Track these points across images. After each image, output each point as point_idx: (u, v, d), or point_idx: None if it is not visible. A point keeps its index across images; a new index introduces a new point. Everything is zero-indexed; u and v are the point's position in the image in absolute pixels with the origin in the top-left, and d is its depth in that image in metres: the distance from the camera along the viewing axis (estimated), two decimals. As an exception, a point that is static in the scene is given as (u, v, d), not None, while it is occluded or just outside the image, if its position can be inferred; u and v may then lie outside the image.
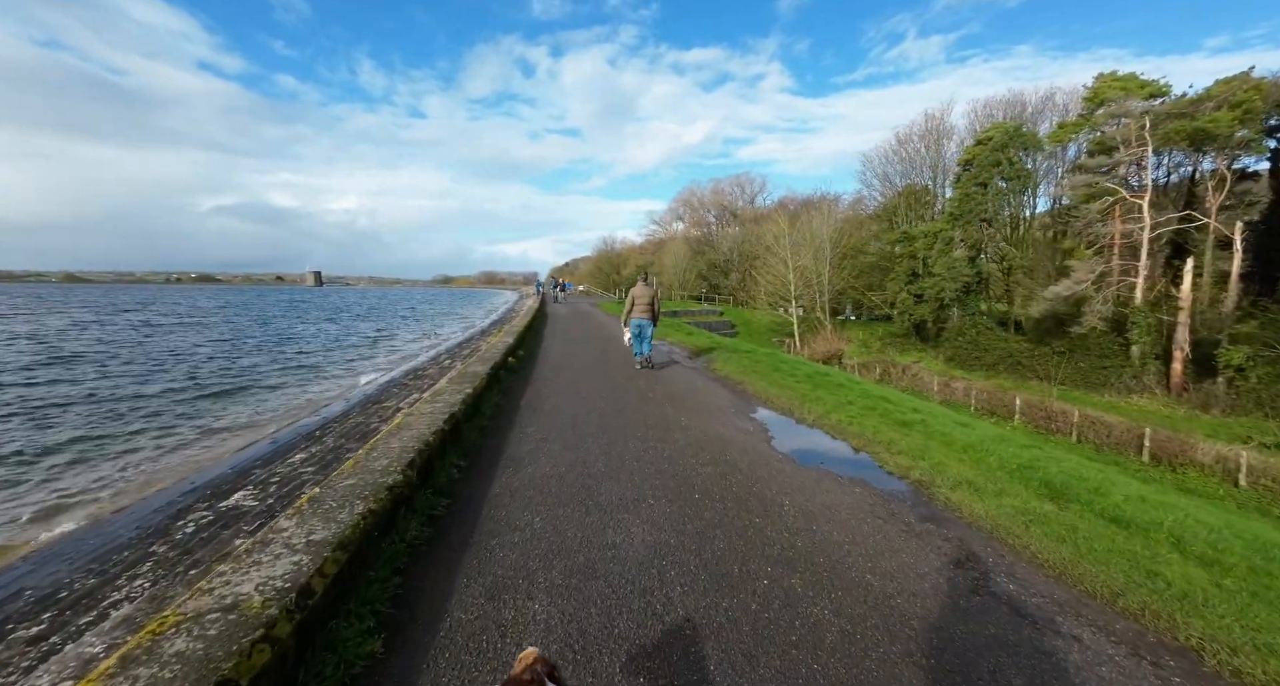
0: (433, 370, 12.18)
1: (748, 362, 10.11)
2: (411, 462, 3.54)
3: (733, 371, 9.17)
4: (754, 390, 7.64)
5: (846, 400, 7.03)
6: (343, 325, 31.82)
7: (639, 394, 7.18)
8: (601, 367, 9.40)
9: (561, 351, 11.50)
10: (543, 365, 9.64)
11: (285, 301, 69.46)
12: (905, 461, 4.61)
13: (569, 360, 10.28)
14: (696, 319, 46.18)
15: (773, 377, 8.63)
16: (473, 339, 19.08)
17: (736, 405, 6.76)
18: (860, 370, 33.49)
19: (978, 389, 23.67)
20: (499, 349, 9.37)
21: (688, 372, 9.27)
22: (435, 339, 20.99)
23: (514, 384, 7.86)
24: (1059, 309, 27.83)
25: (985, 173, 33.80)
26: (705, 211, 75.04)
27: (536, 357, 10.52)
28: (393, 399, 9.32)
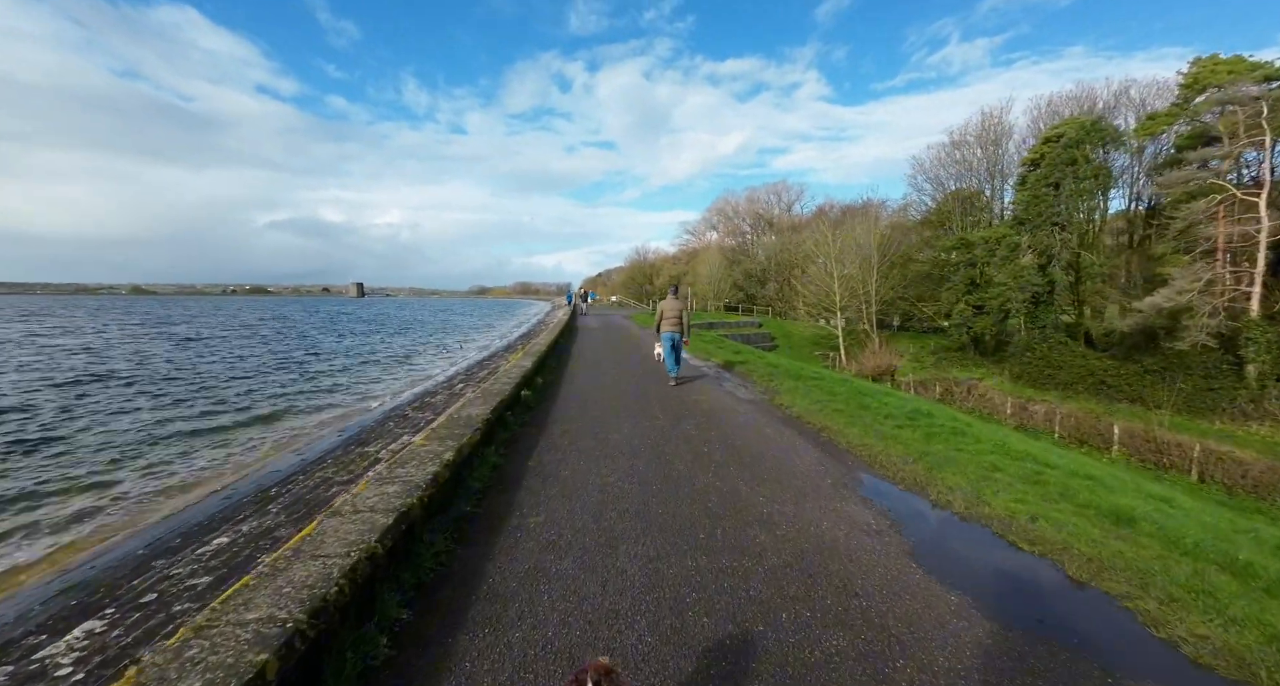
0: (441, 396, 10.51)
1: (820, 395, 8.02)
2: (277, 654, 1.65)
3: (806, 409, 7.12)
4: (846, 442, 5.59)
5: (989, 465, 4.89)
6: (364, 340, 30.97)
7: (691, 450, 5.23)
8: (638, 406, 7.47)
9: (588, 380, 9.62)
10: (564, 400, 7.77)
11: (324, 313, 70.33)
12: (1206, 628, 2.52)
13: (597, 392, 8.38)
14: (734, 331, 43.90)
15: (861, 419, 6.54)
16: (495, 355, 17.46)
17: (832, 471, 4.72)
18: (918, 388, 30.59)
19: (1062, 413, 20.69)
20: (512, 377, 7.58)
21: (748, 410, 7.26)
22: (453, 357, 19.43)
23: (524, 431, 6.01)
24: (1154, 322, 24.51)
25: (1058, 172, 30.66)
26: (740, 220, 72.98)
27: (558, 388, 8.67)
28: (380, 440, 7.61)
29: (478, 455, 4.56)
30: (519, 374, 7.78)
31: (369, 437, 7.86)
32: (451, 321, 54.49)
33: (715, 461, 4.88)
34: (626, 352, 13.65)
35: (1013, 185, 42.48)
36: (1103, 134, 29.84)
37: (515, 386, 6.85)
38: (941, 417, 6.99)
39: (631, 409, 7.13)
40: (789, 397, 7.71)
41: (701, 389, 8.71)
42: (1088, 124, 30.41)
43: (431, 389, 12.42)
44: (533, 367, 8.85)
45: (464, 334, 37.48)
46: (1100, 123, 30.27)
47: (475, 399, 5.96)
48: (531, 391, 7.43)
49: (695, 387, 8.83)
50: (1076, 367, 29.14)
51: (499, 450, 5.09)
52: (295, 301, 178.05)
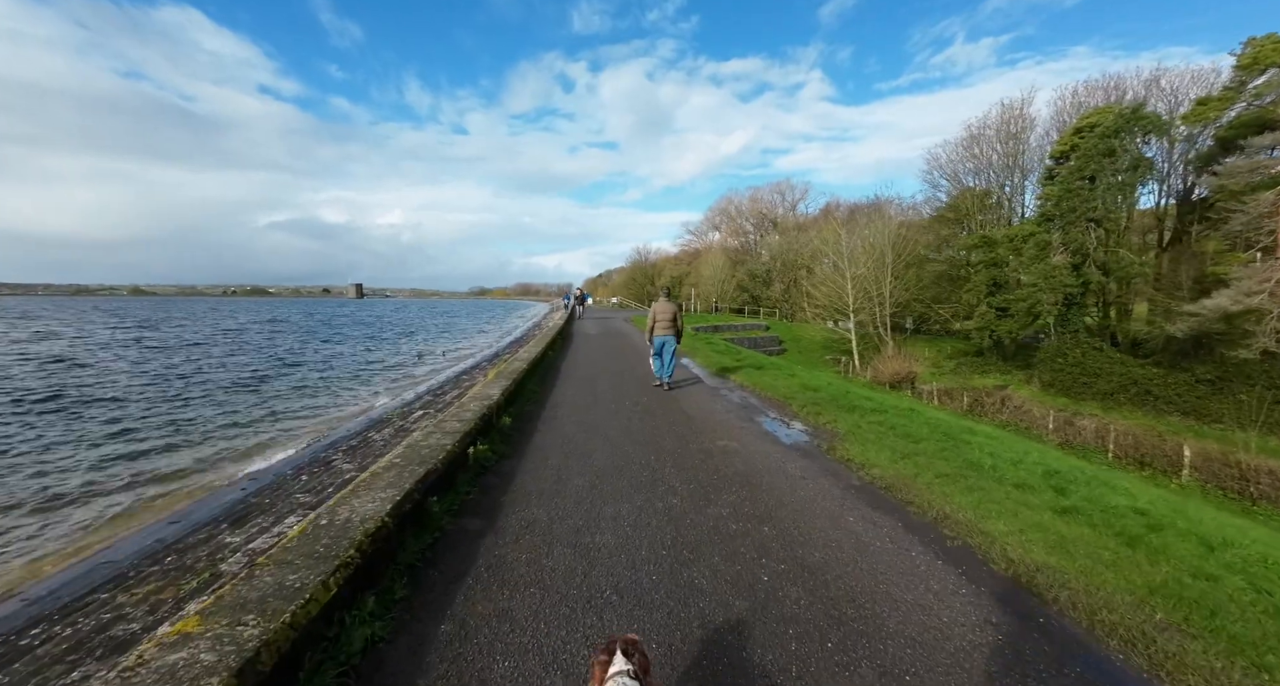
0: (383, 433, 8.18)
1: (894, 438, 5.71)
2: None
3: (891, 470, 4.77)
4: (1000, 552, 3.26)
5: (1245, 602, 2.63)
6: (342, 349, 28.61)
7: (735, 573, 2.95)
8: (642, 462, 5.12)
9: (577, 415, 7.26)
10: (536, 456, 5.40)
11: (317, 316, 67.93)
12: None
13: (585, 438, 6.00)
14: (740, 334, 41.68)
15: (988, 491, 4.23)
16: (472, 371, 15.16)
17: (1007, 631, 2.47)
18: (942, 398, 28.24)
19: (1118, 430, 18.36)
20: (463, 420, 5.28)
21: (803, 469, 4.91)
22: (418, 376, 17.05)
23: (467, 520, 3.72)
24: (1210, 327, 22.18)
25: (1093, 164, 28.37)
26: (743, 220, 70.99)
27: (533, 430, 6.35)
28: (272, 509, 5.30)
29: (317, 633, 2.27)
30: (475, 414, 5.48)
31: (136, 577, 4.65)
32: (442, 325, 52.23)
33: (784, 607, 2.60)
34: (625, 371, 11.34)
35: (1037, 180, 40.19)
36: (1144, 122, 27.52)
37: (459, 442, 4.53)
38: (1102, 488, 4.67)
39: (634, 470, 4.82)
40: (855, 447, 5.39)
41: (729, 429, 6.39)
42: (1127, 112, 28.11)
43: (385, 416, 10.04)
44: (501, 397, 6.55)
45: (452, 338, 35.20)
46: (1141, 109, 27.94)
47: (381, 474, 3.66)
48: (487, 446, 5.12)
49: (722, 426, 6.52)
50: (1116, 376, 26.81)
51: (404, 585, 2.79)
52: (294, 303, 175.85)
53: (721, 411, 7.39)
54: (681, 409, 7.50)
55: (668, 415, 7.09)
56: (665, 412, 7.24)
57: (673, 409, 7.48)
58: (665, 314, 8.76)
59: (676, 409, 7.49)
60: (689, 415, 7.11)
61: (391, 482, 3.48)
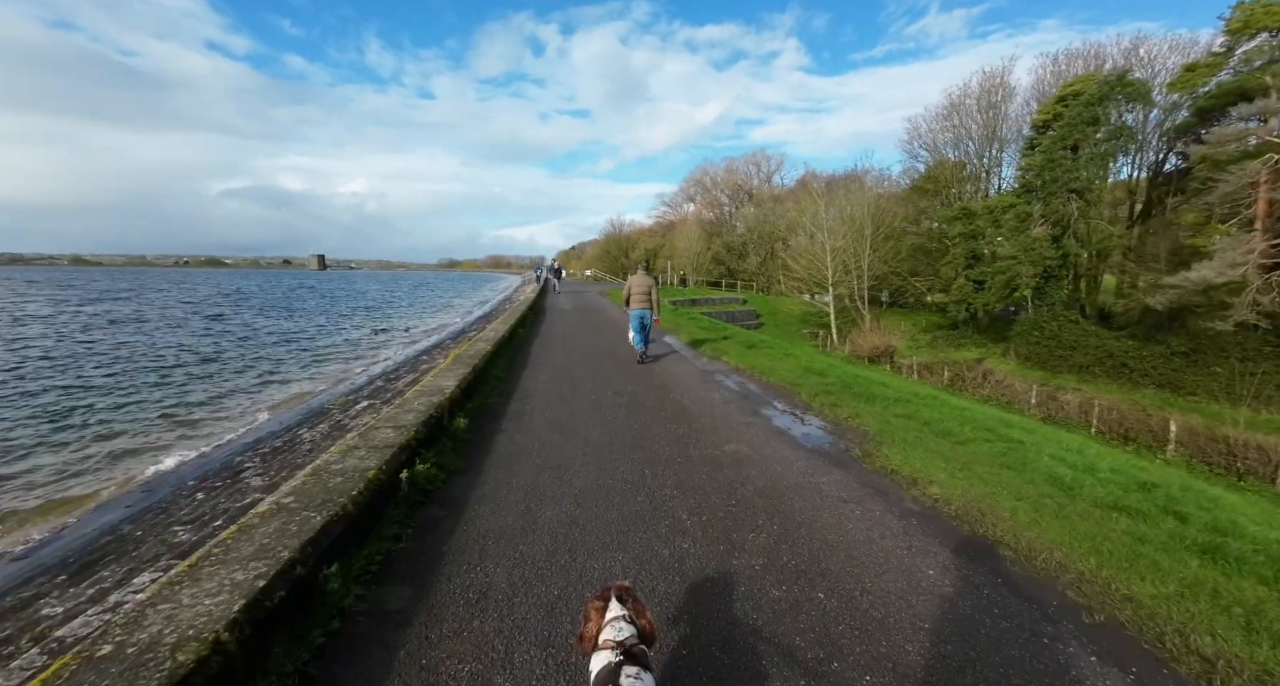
0: (316, 430, 6.85)
1: (935, 440, 4.72)
2: None
3: (942, 483, 3.73)
4: (1158, 627, 2.32)
5: None
6: (293, 325, 26.53)
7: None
8: (634, 479, 4.01)
9: (550, 409, 6.07)
10: (503, 468, 4.22)
11: (273, 289, 63.99)
12: None
13: (560, 446, 4.77)
14: (718, 308, 40.82)
15: (1067, 511, 3.26)
16: (433, 349, 13.74)
17: None
18: (921, 372, 27.94)
19: (1102, 405, 18.16)
20: (402, 427, 4.05)
21: (843, 487, 3.83)
22: (371, 357, 15.52)
23: (387, 592, 2.54)
24: (1188, 299, 22.12)
25: (1077, 133, 27.80)
26: (718, 192, 69.52)
27: (495, 431, 5.15)
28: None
29: None
30: (418, 417, 4.24)
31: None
32: (408, 298, 49.78)
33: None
34: (605, 351, 10.15)
35: (1018, 150, 39.71)
36: (1129, 90, 26.94)
37: (388, 462, 3.30)
38: (1196, 504, 3.75)
39: (625, 492, 3.68)
40: (895, 452, 4.35)
41: (735, 427, 5.31)
42: (1112, 79, 27.47)
43: (290, 423, 8.43)
44: (457, 389, 5.32)
45: (416, 313, 33.22)
46: (1126, 76, 27.33)
47: (253, 530, 2.44)
48: (433, 460, 3.90)
49: (725, 423, 5.44)
50: (1092, 349, 26.89)
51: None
52: (253, 274, 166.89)
53: (720, 402, 6.30)
54: (674, 399, 6.38)
55: (659, 408, 5.97)
56: (656, 404, 6.11)
57: (664, 399, 6.36)
58: (642, 287, 8.67)
59: (669, 399, 6.37)
60: (684, 407, 6.00)
61: (263, 549, 2.25)
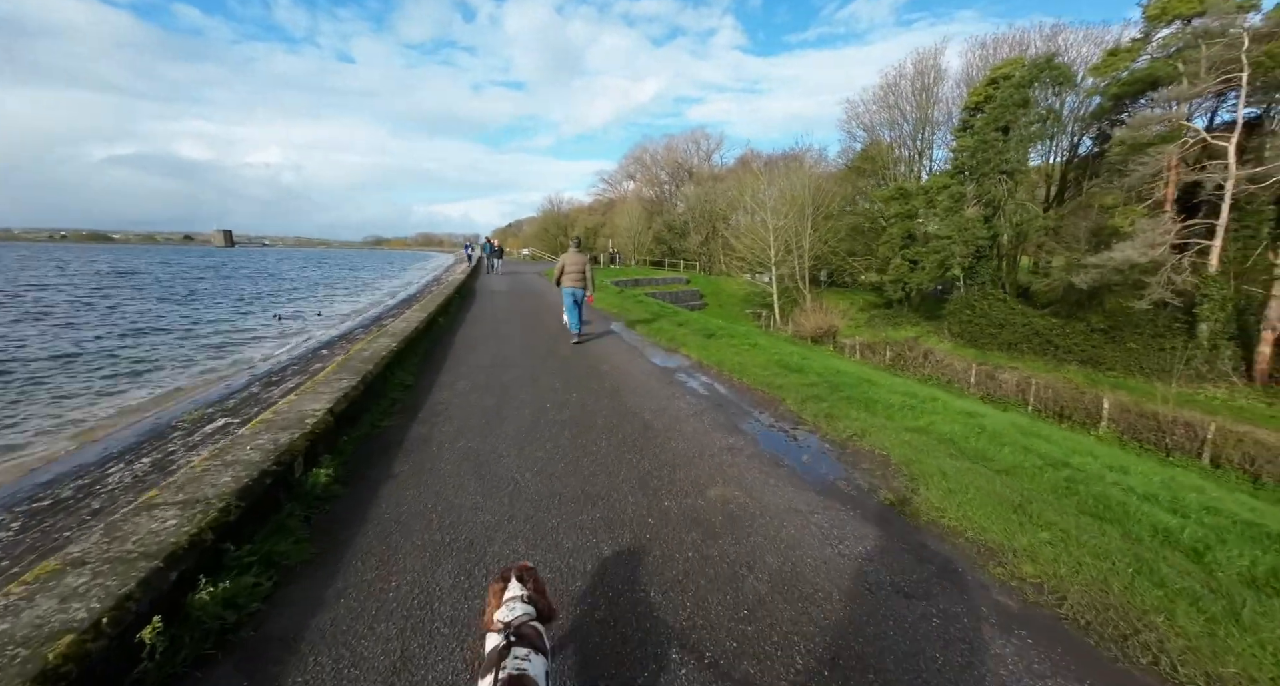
0: (132, 469, 5.01)
1: (980, 475, 3.65)
2: None
3: (1029, 557, 2.64)
4: None
5: None
6: (169, 312, 22.96)
7: None
8: (607, 575, 2.69)
9: (467, 437, 4.55)
10: (383, 557, 2.78)
11: (169, 268, 56.37)
12: None
13: (478, 506, 3.37)
14: (660, 289, 39.77)
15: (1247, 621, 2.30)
16: (347, 336, 11.69)
17: None
18: (863, 351, 28.15)
19: (1039, 384, 18.58)
20: (199, 509, 2.49)
21: (881, 557, 2.71)
22: (256, 355, 13.17)
23: None
24: (1109, 278, 23.13)
25: (1008, 114, 28.37)
26: (658, 170, 68.21)
27: (377, 488, 3.66)
28: None
29: None
30: (236, 480, 2.67)
31: None
32: (323, 279, 45.34)
33: None
34: (543, 347, 8.69)
35: (951, 132, 40.64)
36: (1056, 73, 27.66)
37: (123, 605, 1.79)
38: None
39: (575, 592, 2.34)
40: (941, 495, 3.20)
41: (713, 454, 4.07)
42: (1040, 61, 28.13)
43: (95, 460, 6.34)
44: (328, 414, 3.74)
45: (330, 296, 29.87)
46: (1053, 60, 28.05)
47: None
48: (265, 550, 2.39)
49: (700, 448, 4.19)
50: (1019, 327, 27.96)
51: None
52: (145, 251, 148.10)
53: (690, 413, 5.04)
54: (632, 410, 5.06)
55: (614, 426, 4.62)
56: (610, 420, 4.76)
57: (620, 412, 5.02)
58: (575, 265, 8.47)
59: (625, 411, 5.04)
60: (645, 423, 4.69)
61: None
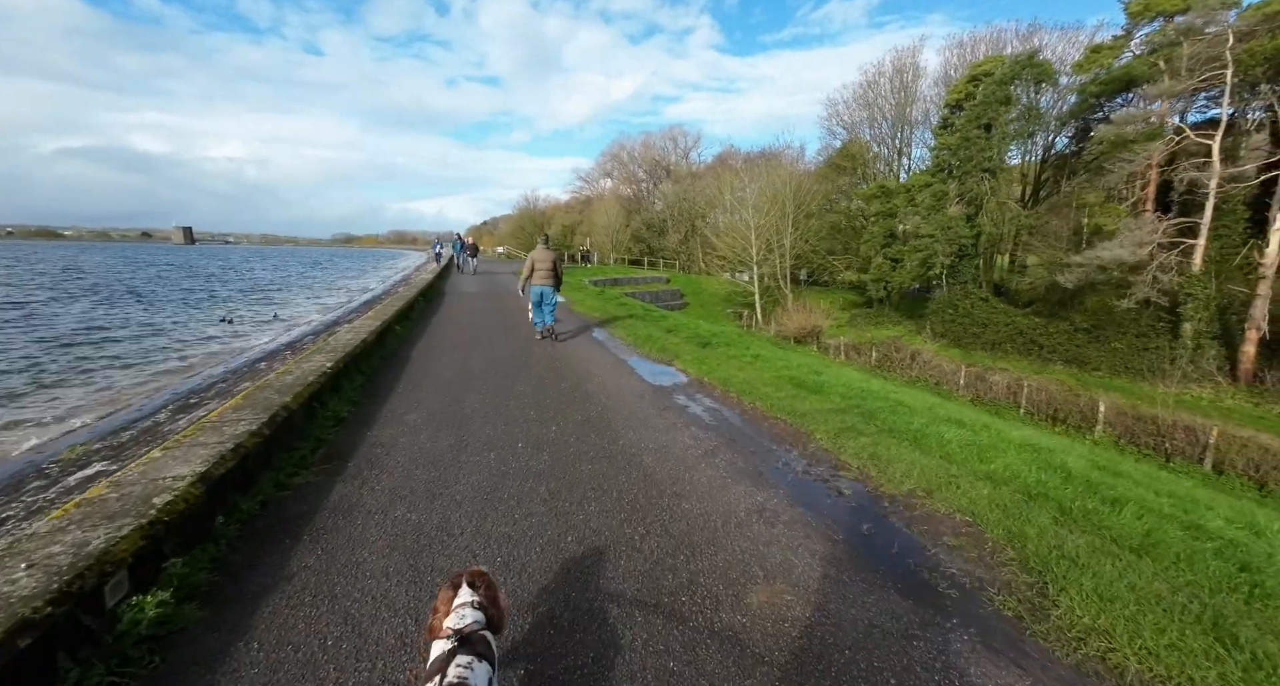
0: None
1: (1116, 555, 2.72)
2: None
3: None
4: None
5: None
6: (116, 315, 21.02)
7: None
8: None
9: (416, 508, 3.51)
10: None
11: (121, 266, 52.74)
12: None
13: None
14: (640, 288, 38.76)
15: None
16: (276, 354, 10.35)
17: None
18: (849, 352, 27.58)
19: (1032, 386, 18.12)
20: None
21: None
22: (179, 367, 11.75)
23: None
24: (1094, 277, 22.93)
25: (990, 111, 28.10)
26: (636, 167, 67.24)
27: (250, 629, 2.54)
28: None
29: None
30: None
31: None
32: (285, 280, 42.99)
33: None
34: (517, 358, 7.58)
35: (927, 131, 40.54)
36: (1037, 70, 27.47)
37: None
38: None
39: None
40: (1082, 599, 2.29)
41: (751, 528, 3.04)
42: (1022, 58, 27.91)
43: None
44: (195, 485, 2.58)
45: (289, 297, 27.94)
46: (1034, 57, 27.87)
47: None
48: None
49: (720, 508, 3.17)
50: (1003, 326, 27.73)
51: None
52: (97, 248, 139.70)
53: (699, 455, 4.00)
54: (625, 451, 4.01)
55: (607, 478, 3.56)
56: (599, 468, 3.70)
57: (612, 454, 3.96)
58: (545, 262, 8.28)
59: (617, 453, 3.98)
60: (646, 472, 3.64)
61: None
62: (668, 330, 9.73)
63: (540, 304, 8.46)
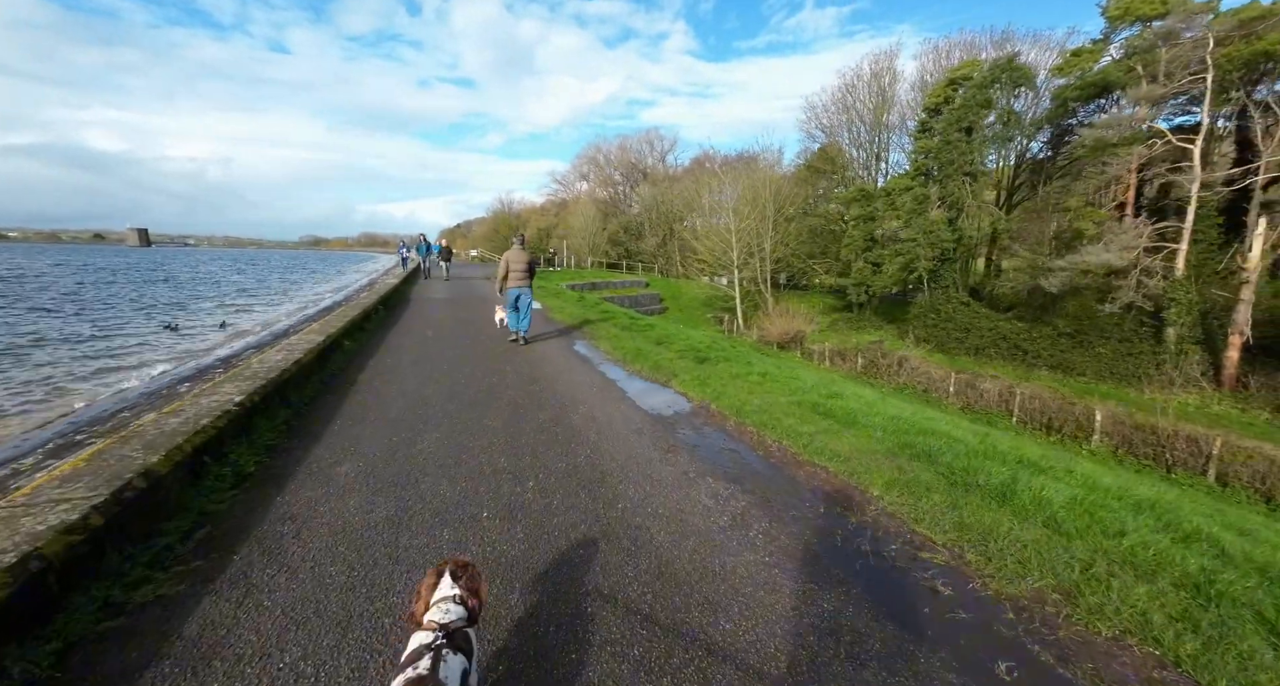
0: None
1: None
2: None
3: None
4: None
5: None
6: (47, 326, 19.06)
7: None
8: None
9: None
10: None
11: (67, 270, 49.13)
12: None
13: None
14: (619, 292, 37.82)
15: None
16: (196, 376, 9.01)
17: None
18: (834, 358, 27.00)
19: (1025, 394, 17.65)
20: None
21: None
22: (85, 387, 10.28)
23: None
24: (1078, 281, 22.79)
25: (971, 115, 27.96)
26: (612, 170, 66.41)
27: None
28: None
29: None
30: None
31: None
32: (235, 286, 40.59)
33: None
34: (491, 387, 6.49)
35: (905, 135, 40.58)
36: (1016, 74, 27.44)
37: None
38: None
39: None
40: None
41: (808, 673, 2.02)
42: (1002, 62, 27.86)
43: None
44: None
45: (246, 303, 26.00)
46: (1014, 61, 27.85)
47: None
48: None
49: (813, 658, 2.14)
50: (986, 331, 27.50)
51: None
52: (44, 251, 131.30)
53: (725, 527, 2.99)
54: (630, 522, 2.97)
55: (609, 570, 2.52)
56: (598, 556, 2.66)
57: (610, 528, 2.92)
58: (519, 263, 8.10)
59: (618, 526, 2.94)
60: (660, 557, 2.62)
61: None
62: (658, 342, 8.72)
63: (515, 306, 8.17)
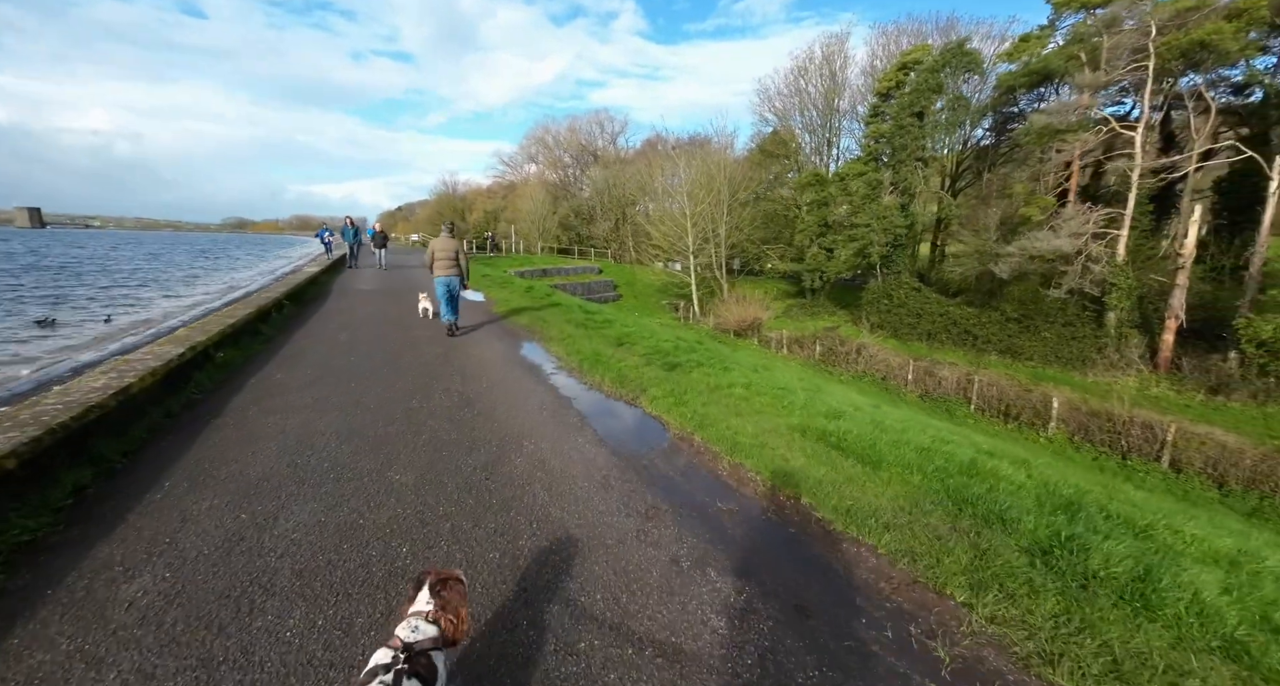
0: None
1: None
2: None
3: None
4: None
5: None
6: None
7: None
8: None
9: None
10: None
11: None
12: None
13: None
14: (572, 279, 36.37)
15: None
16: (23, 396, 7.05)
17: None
18: (791, 346, 26.63)
19: (982, 381, 17.63)
20: None
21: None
22: None
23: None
24: (1026, 267, 23.15)
25: (922, 100, 27.88)
26: (562, 152, 64.01)
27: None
28: None
29: None
30: None
31: None
32: (135, 275, 36.15)
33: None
34: (406, 414, 5.10)
35: (855, 119, 40.58)
36: (967, 59, 27.49)
37: None
38: None
39: None
40: None
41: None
42: (953, 46, 27.85)
43: None
44: None
45: (147, 293, 22.74)
46: (964, 45, 27.89)
47: None
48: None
49: None
50: (937, 316, 27.79)
51: None
52: None
53: (750, 664, 1.88)
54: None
55: None
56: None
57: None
58: (446, 251, 7.78)
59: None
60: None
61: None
62: (618, 343, 7.54)
63: (446, 297, 7.91)
